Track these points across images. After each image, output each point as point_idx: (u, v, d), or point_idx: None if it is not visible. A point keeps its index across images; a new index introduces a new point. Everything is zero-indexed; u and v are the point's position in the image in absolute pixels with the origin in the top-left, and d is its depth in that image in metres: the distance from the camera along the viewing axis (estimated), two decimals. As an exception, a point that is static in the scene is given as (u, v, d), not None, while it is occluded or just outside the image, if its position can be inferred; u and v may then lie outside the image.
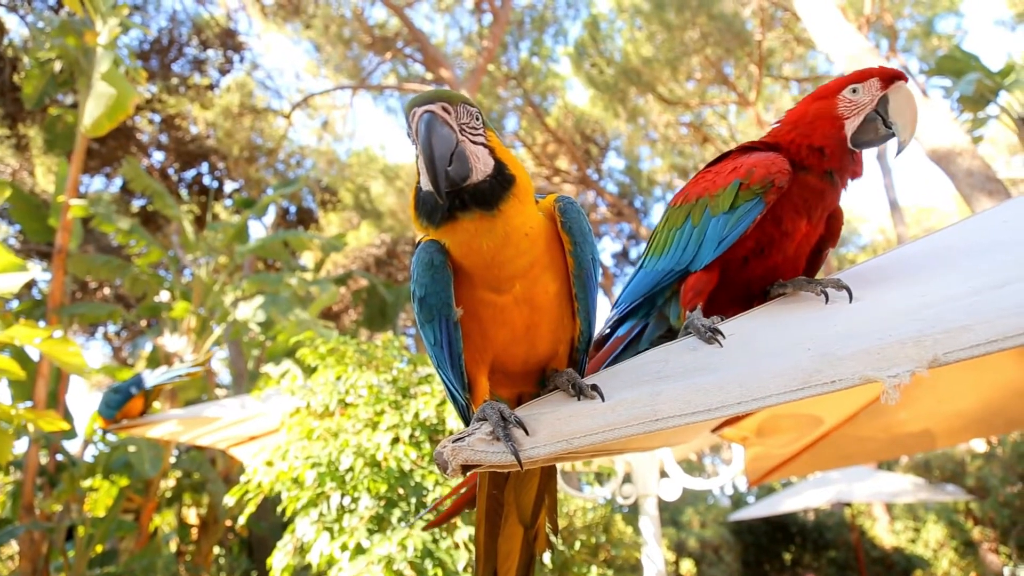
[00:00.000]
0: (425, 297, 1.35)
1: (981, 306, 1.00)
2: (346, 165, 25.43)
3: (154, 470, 8.51)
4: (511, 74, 24.69)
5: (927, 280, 1.28)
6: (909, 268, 1.44)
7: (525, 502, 1.65)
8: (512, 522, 1.64)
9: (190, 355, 10.99)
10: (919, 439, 5.28)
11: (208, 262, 12.17)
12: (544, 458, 1.06)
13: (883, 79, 1.66)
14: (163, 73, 18.25)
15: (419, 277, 1.35)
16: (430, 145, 1.24)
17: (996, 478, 15.22)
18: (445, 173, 1.25)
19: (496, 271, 1.34)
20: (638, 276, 1.87)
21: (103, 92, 8.18)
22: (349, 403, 4.76)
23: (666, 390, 1.06)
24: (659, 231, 1.84)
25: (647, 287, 1.81)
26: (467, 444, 1.06)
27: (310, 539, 4.09)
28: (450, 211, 1.32)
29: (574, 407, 1.13)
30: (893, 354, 0.96)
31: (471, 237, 1.32)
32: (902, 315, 1.08)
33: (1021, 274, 1.09)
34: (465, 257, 1.34)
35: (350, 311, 24.33)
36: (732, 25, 22.25)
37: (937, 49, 23.14)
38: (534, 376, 1.54)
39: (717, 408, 1.00)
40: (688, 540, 17.66)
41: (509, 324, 1.40)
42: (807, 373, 0.98)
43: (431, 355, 1.43)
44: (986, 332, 0.94)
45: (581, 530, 5.95)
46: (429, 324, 1.37)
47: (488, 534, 1.63)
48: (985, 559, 15.92)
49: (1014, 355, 3.88)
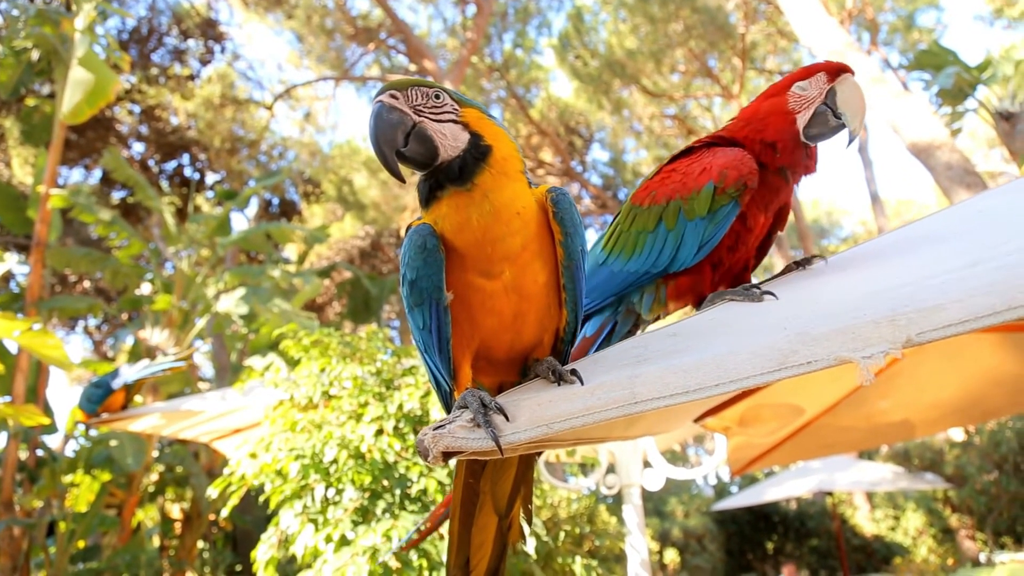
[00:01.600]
0: (416, 280, 1.34)
1: (953, 286, 1.01)
2: (329, 157, 25.25)
3: (137, 464, 8.45)
4: (495, 66, 24.61)
5: (901, 263, 1.31)
6: (885, 254, 1.46)
7: (501, 491, 1.63)
8: (487, 512, 1.62)
9: (172, 348, 10.90)
10: (899, 428, 5.33)
11: (190, 254, 12.08)
12: (525, 443, 1.06)
13: (830, 72, 1.71)
14: (143, 63, 18.03)
15: (411, 260, 1.34)
16: (374, 132, 1.29)
17: (973, 466, 15.48)
18: (392, 155, 1.29)
19: (488, 249, 1.34)
20: (604, 275, 1.85)
21: (81, 78, 8.05)
22: (333, 395, 4.75)
23: (644, 373, 1.07)
24: (624, 230, 1.83)
25: (617, 287, 1.82)
26: (448, 431, 1.06)
27: (294, 531, 4.08)
28: (432, 191, 1.35)
29: (554, 392, 1.14)
30: (868, 334, 0.97)
31: (455, 212, 1.32)
32: (876, 295, 1.09)
33: (992, 255, 1.10)
34: (456, 236, 1.34)
35: (334, 303, 24.24)
36: (716, 18, 22.31)
37: (918, 43, 23.37)
38: (517, 365, 1.54)
39: (695, 390, 1.01)
40: (672, 530, 17.82)
41: (497, 311, 1.40)
42: (783, 354, 0.99)
43: (418, 340, 1.42)
44: (958, 312, 0.95)
45: (565, 520, 5.98)
46: (419, 308, 1.36)
47: (462, 523, 1.61)
48: (962, 546, 16.21)
49: (991, 344, 3.94)
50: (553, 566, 4.93)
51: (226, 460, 10.11)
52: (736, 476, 5.97)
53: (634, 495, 5.58)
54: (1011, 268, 1.02)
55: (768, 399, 4.19)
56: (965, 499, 15.70)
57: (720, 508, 17.40)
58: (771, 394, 4.08)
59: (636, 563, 5.46)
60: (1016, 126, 10.84)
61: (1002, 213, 1.62)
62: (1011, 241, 1.17)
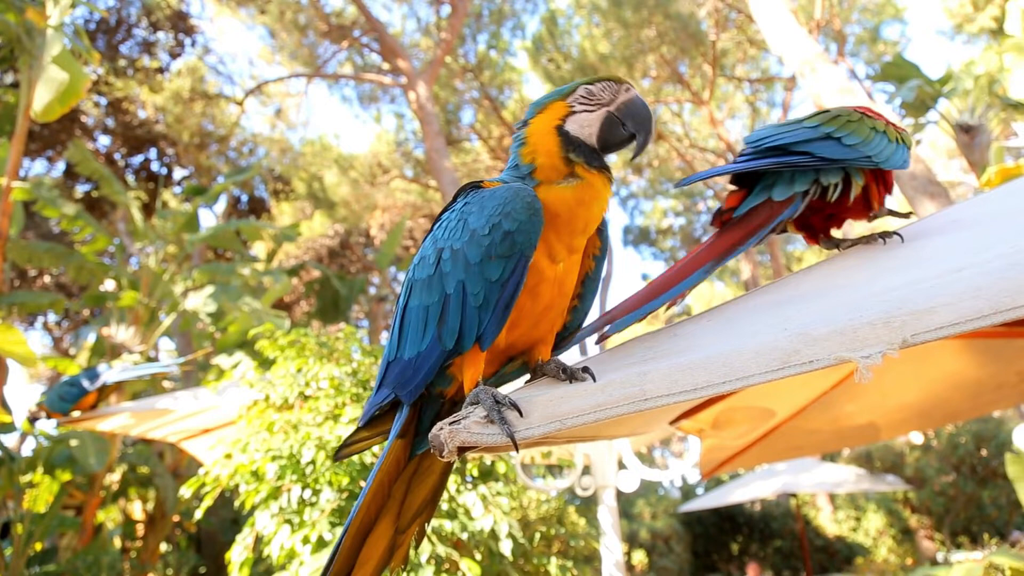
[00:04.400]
0: (515, 231, 1.32)
1: (942, 289, 1.07)
2: (300, 154, 25.02)
3: (100, 465, 8.26)
4: (468, 67, 24.62)
5: (889, 267, 1.37)
6: (870, 258, 1.52)
7: (413, 499, 1.54)
8: (386, 523, 1.50)
9: (138, 346, 10.70)
10: (864, 431, 5.44)
11: (157, 250, 11.86)
12: (537, 438, 1.10)
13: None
14: (110, 54, 17.66)
15: (515, 211, 1.33)
16: (649, 111, 1.46)
17: (932, 468, 15.92)
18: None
19: (569, 236, 1.40)
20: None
21: (54, 76, 7.87)
22: (309, 395, 4.72)
23: (653, 370, 1.11)
24: None
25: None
26: (463, 427, 1.09)
27: (270, 532, 4.05)
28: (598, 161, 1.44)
29: (566, 389, 1.17)
30: (865, 335, 1.02)
31: (571, 191, 1.39)
32: (870, 298, 1.15)
33: (974, 261, 1.16)
34: (558, 212, 1.38)
35: (302, 302, 24.01)
36: (687, 25, 22.63)
37: (883, 55, 23.98)
38: (503, 361, 1.54)
39: (703, 387, 1.05)
40: (640, 531, 17.98)
41: (540, 295, 1.41)
42: (786, 353, 1.04)
43: (478, 293, 1.34)
44: (949, 315, 1.01)
45: (538, 521, 6.02)
46: (502, 259, 1.32)
47: (360, 531, 1.46)
48: (921, 546, 16.65)
49: (953, 350, 4.07)
50: (528, 567, 4.96)
51: (192, 460, 9.99)
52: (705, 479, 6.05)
53: (609, 496, 5.64)
54: (994, 273, 1.08)
55: (741, 402, 4.26)
56: (924, 500, 16.16)
57: (687, 510, 17.63)
58: (744, 397, 4.15)
59: (610, 564, 5.53)
60: (975, 138, 11.16)
61: (976, 223, 1.69)
62: (991, 249, 1.23)
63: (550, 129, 1.44)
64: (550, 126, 1.44)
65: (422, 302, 1.40)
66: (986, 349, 4.03)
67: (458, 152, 26.48)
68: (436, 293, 1.38)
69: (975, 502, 15.56)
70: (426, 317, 1.39)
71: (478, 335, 1.33)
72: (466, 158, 27.13)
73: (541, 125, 1.45)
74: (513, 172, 1.48)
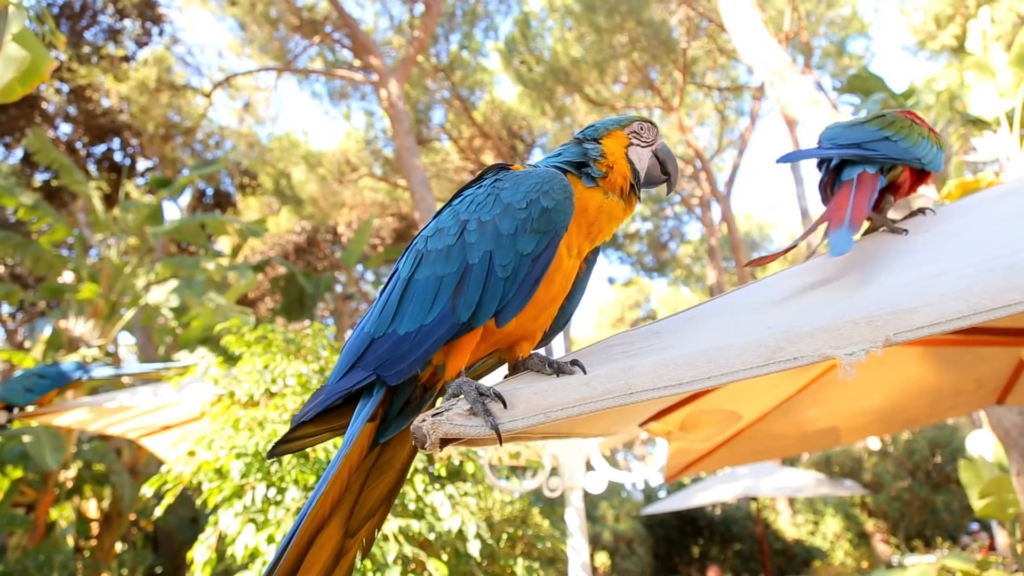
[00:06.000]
0: (552, 209, 1.35)
1: (924, 290, 1.09)
2: (267, 149, 24.61)
3: (56, 462, 8.03)
4: (440, 66, 24.53)
5: (869, 271, 1.39)
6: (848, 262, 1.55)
7: (369, 495, 1.48)
8: (336, 523, 1.42)
9: (97, 340, 10.44)
10: (826, 436, 5.53)
11: (119, 243, 11.60)
12: (521, 431, 1.08)
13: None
14: (74, 40, 17.17)
15: (553, 191, 1.37)
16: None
17: (889, 473, 16.30)
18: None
19: (585, 237, 1.46)
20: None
21: (15, 55, 7.62)
22: (275, 392, 4.65)
23: (638, 365, 1.11)
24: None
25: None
26: (446, 418, 1.07)
27: (234, 531, 3.97)
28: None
29: (551, 382, 1.16)
30: (848, 333, 1.04)
31: (613, 205, 1.49)
32: (852, 298, 1.17)
33: (954, 266, 1.19)
34: (590, 207, 1.46)
35: (266, 299, 23.69)
36: (659, 32, 22.85)
37: (848, 68, 24.52)
38: (485, 352, 1.53)
39: (688, 382, 1.05)
40: (603, 533, 18.08)
41: (552, 285, 1.42)
42: (771, 350, 1.05)
43: (507, 264, 1.34)
44: (930, 315, 1.03)
45: (502, 522, 6.01)
46: (539, 234, 1.34)
47: (313, 526, 1.37)
48: (877, 549, 17.03)
49: (914, 356, 4.16)
50: (494, 568, 4.95)
51: (151, 457, 9.76)
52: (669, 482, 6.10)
53: (576, 498, 5.66)
54: (973, 276, 1.10)
55: (709, 405, 4.30)
56: (880, 504, 16.55)
57: (649, 512, 17.78)
58: (712, 400, 4.19)
59: (576, 565, 5.55)
60: (936, 152, 11.45)
61: (948, 234, 1.73)
62: (968, 255, 1.26)
63: (623, 155, 1.53)
64: (622, 151, 1.53)
65: (435, 272, 1.37)
66: (945, 357, 4.12)
67: (428, 152, 26.37)
68: (455, 263, 1.36)
69: (929, 507, 15.99)
70: (438, 287, 1.36)
71: (498, 308, 1.33)
72: (435, 158, 27.03)
73: (615, 147, 1.53)
74: (572, 168, 1.52)
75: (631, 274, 36.76)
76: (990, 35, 9.66)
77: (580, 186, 1.47)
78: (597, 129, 1.59)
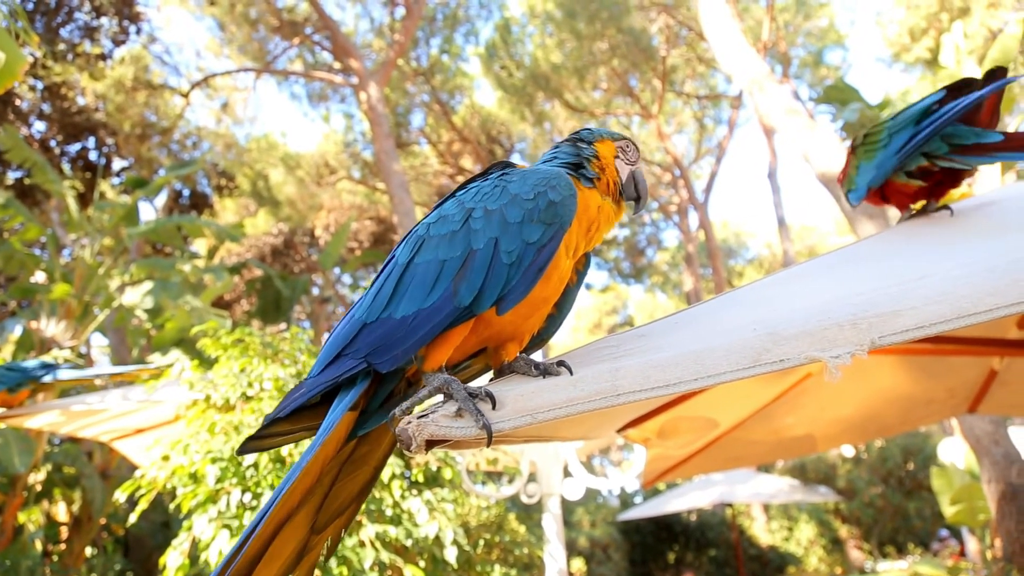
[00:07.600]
0: (559, 203, 1.39)
1: (907, 294, 1.11)
2: (245, 150, 24.38)
3: (24, 465, 7.85)
4: (420, 70, 24.50)
5: (853, 276, 1.41)
6: (833, 268, 1.56)
7: (339, 491, 1.45)
8: (303, 517, 1.37)
9: (69, 341, 10.26)
10: (802, 443, 5.57)
11: (92, 243, 11.41)
12: (508, 432, 1.08)
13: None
14: (49, 37, 16.88)
15: (560, 187, 1.41)
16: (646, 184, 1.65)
17: (862, 480, 16.50)
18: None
19: (582, 237, 1.49)
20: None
21: (-11, 53, 7.52)
22: (251, 396, 4.58)
23: (625, 367, 1.11)
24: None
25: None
26: (431, 420, 1.06)
27: (208, 537, 3.90)
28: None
29: (538, 383, 1.16)
30: (833, 336, 1.05)
31: (610, 209, 1.55)
32: (837, 301, 1.18)
33: (936, 270, 1.21)
34: (590, 207, 1.50)
35: (243, 301, 23.45)
36: (639, 40, 23.04)
37: (825, 78, 24.92)
38: (472, 350, 1.52)
39: (675, 384, 1.05)
40: (579, 539, 18.09)
41: (548, 282, 1.42)
42: (757, 352, 1.06)
43: (512, 251, 1.34)
44: (914, 318, 1.04)
45: (479, 528, 5.98)
46: (545, 225, 1.36)
47: (280, 517, 1.31)
48: (850, 555, 17.21)
49: (888, 365, 4.21)
50: (471, 574, 4.93)
51: (123, 461, 9.60)
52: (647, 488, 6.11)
53: (554, 504, 5.65)
54: (956, 281, 1.12)
55: (687, 412, 4.32)
56: (854, 511, 16.75)
57: (625, 518, 17.83)
58: (690, 407, 4.21)
59: (554, 571, 5.54)
60: (910, 163, 11.63)
61: (928, 241, 1.76)
62: (950, 260, 1.28)
63: (613, 160, 1.60)
64: (612, 158, 1.61)
65: (437, 256, 1.37)
66: (919, 366, 4.18)
67: (407, 155, 26.31)
68: (459, 248, 1.36)
69: (901, 513, 16.21)
70: (439, 271, 1.35)
71: (500, 295, 1.32)
72: (415, 161, 26.96)
73: (608, 153, 1.61)
74: (568, 169, 1.57)
75: (608, 280, 36.91)
76: (963, 49, 9.86)
77: (580, 186, 1.51)
78: (592, 133, 1.66)
